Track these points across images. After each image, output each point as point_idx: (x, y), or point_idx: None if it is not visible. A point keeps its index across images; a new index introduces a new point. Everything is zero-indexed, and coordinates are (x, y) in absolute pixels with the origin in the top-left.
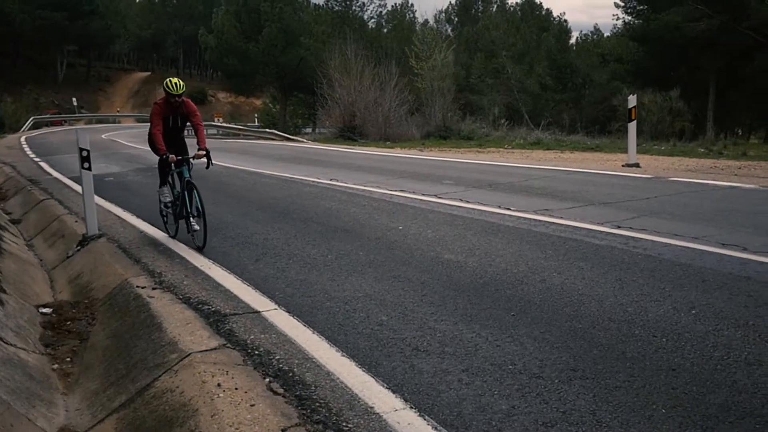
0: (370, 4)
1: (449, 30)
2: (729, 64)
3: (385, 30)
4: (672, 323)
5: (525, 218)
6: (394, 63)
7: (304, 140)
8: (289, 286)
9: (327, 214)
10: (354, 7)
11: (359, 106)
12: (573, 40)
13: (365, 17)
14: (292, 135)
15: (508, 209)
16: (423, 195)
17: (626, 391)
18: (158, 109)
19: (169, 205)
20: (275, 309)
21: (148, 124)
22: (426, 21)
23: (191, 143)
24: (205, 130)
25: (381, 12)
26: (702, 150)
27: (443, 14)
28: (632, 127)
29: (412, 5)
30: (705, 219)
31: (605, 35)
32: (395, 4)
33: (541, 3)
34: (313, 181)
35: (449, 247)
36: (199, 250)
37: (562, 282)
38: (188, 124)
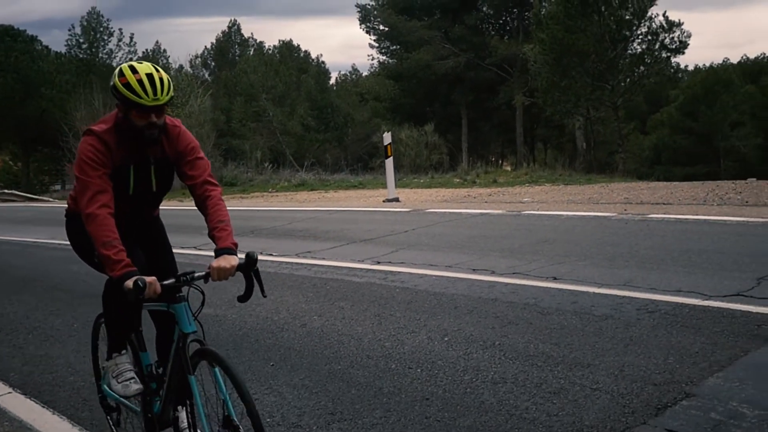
0: (119, 50)
1: (206, 74)
2: (477, 97)
3: None
4: (426, 352)
5: (287, 262)
6: None
7: (52, 199)
8: (27, 364)
9: (74, 279)
10: (101, 54)
11: None
12: (333, 81)
13: (114, 64)
14: (38, 194)
15: (271, 254)
16: (182, 248)
17: (382, 427)
18: (97, 149)
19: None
20: (9, 393)
21: None
22: (181, 66)
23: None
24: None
25: (131, 58)
26: (458, 180)
27: (199, 59)
28: (389, 163)
29: (164, 51)
30: (458, 247)
31: (363, 74)
32: (147, 49)
33: (299, 45)
34: (60, 244)
35: (208, 301)
36: None
37: (322, 324)
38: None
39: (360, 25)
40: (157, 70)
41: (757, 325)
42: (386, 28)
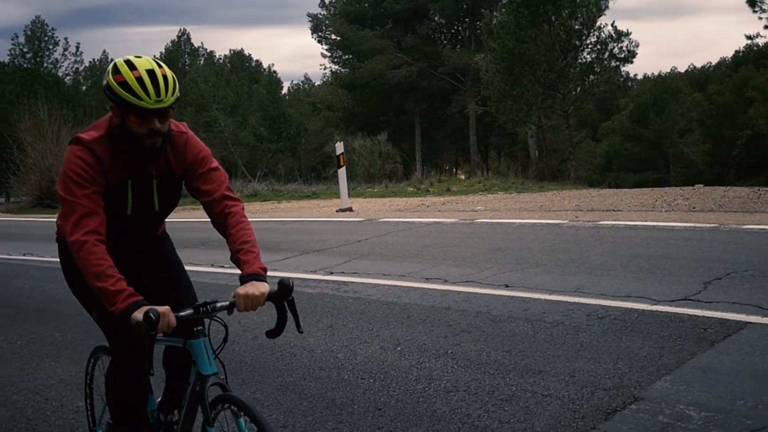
0: (65, 60)
1: None
2: (430, 106)
3: (84, 87)
4: (379, 363)
5: (238, 274)
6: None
7: None
8: None
9: (18, 295)
10: (46, 64)
11: (57, 171)
12: (285, 90)
13: (60, 74)
14: None
15: (222, 267)
16: None
17: None
18: (85, 162)
19: None
20: None
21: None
22: None
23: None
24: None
25: (78, 68)
26: (411, 189)
27: None
28: (342, 173)
29: (111, 60)
30: (411, 256)
31: (316, 84)
32: (93, 59)
33: (250, 55)
34: (3, 258)
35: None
36: None
37: None
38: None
39: (312, 34)
40: (160, 66)
41: (704, 328)
42: (338, 38)
